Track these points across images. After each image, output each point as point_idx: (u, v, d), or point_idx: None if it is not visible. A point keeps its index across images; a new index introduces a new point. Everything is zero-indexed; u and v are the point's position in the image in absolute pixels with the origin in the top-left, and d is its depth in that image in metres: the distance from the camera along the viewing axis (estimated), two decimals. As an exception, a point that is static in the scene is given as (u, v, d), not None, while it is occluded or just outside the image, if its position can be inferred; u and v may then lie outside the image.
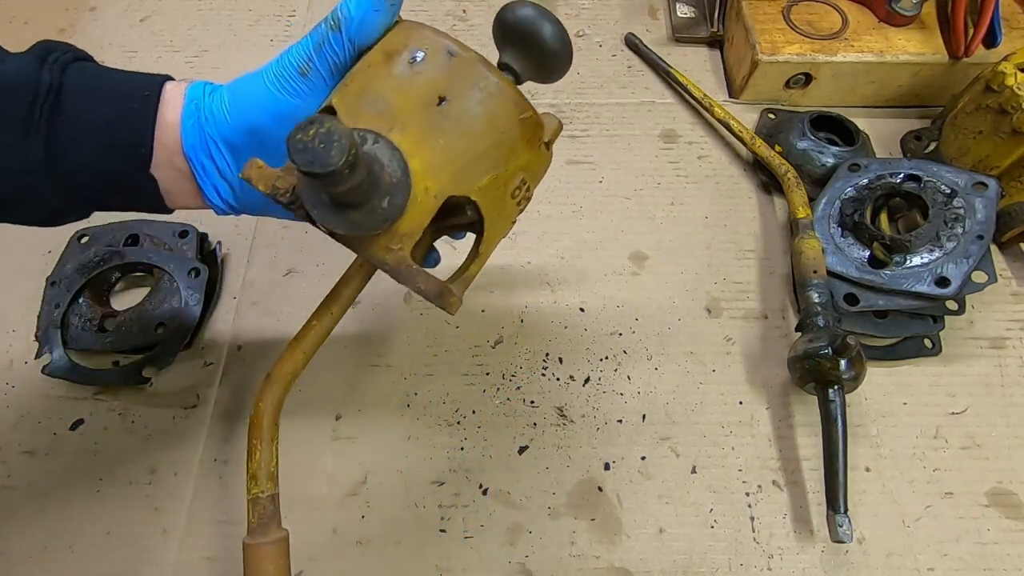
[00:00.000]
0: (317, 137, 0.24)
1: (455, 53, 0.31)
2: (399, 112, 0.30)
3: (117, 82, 0.33)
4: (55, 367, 0.50)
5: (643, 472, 0.48)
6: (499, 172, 0.32)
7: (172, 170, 0.34)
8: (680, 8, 0.74)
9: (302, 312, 0.54)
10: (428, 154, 0.30)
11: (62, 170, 0.32)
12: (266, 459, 0.34)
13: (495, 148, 0.32)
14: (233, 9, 0.76)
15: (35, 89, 0.31)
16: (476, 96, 0.31)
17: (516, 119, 0.32)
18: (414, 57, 0.31)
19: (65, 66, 0.32)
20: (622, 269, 0.57)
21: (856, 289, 0.51)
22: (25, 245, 0.59)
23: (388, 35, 0.33)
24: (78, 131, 0.32)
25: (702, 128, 0.66)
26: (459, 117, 0.31)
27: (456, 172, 0.31)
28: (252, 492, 0.34)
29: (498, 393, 0.51)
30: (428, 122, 0.30)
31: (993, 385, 0.51)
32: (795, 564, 0.44)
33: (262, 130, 0.33)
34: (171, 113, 0.33)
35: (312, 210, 0.29)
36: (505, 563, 0.45)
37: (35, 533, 0.46)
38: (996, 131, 0.54)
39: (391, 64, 0.31)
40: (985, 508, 0.46)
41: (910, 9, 0.62)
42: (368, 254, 0.30)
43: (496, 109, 0.31)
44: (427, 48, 0.31)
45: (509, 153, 0.33)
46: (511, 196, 0.34)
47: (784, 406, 0.50)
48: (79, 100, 0.32)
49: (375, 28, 0.32)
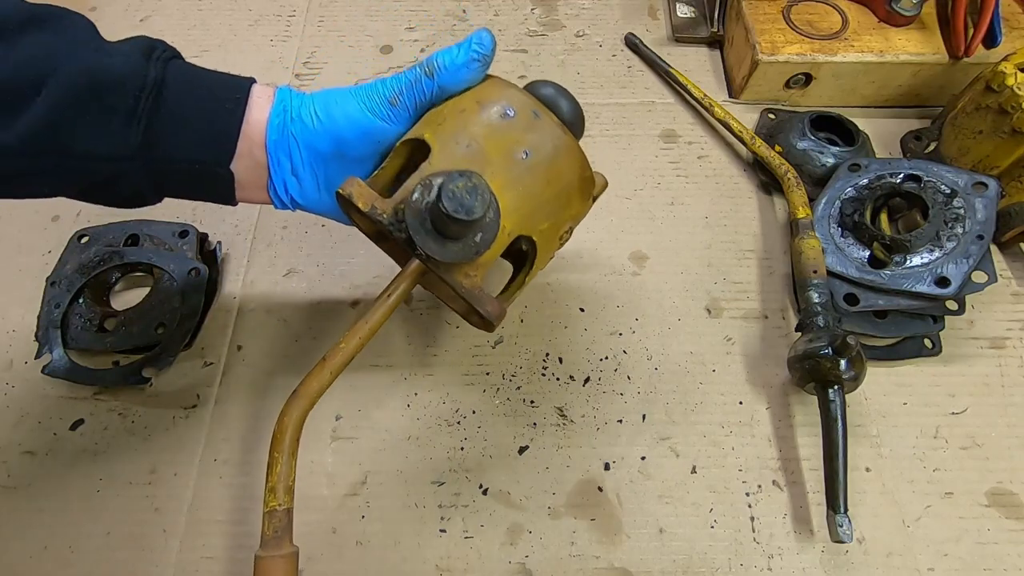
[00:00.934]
0: (467, 190, 0.30)
1: (539, 115, 0.36)
2: (490, 157, 0.35)
3: (212, 81, 0.37)
4: (55, 367, 0.50)
5: (643, 472, 0.48)
6: (557, 219, 0.38)
7: (250, 161, 0.38)
8: (680, 8, 0.74)
9: (302, 312, 0.55)
10: (508, 198, 0.35)
11: (155, 158, 0.35)
12: (286, 473, 0.35)
13: (557, 199, 0.38)
14: (233, 9, 0.76)
15: (142, 83, 0.34)
16: (552, 154, 0.36)
17: (579, 176, 0.38)
18: (506, 112, 0.36)
19: (167, 62, 0.35)
20: (622, 269, 0.57)
21: (856, 289, 0.51)
22: (25, 245, 0.59)
23: (481, 87, 0.37)
24: (175, 124, 0.35)
25: (702, 128, 0.66)
26: (536, 170, 0.36)
27: (527, 215, 0.36)
28: (269, 505, 0.35)
29: (498, 393, 0.51)
30: (511, 170, 0.35)
31: (993, 385, 0.51)
32: (795, 564, 0.44)
33: (346, 141, 0.37)
34: (259, 111, 0.37)
35: (415, 236, 0.33)
36: (505, 563, 0.45)
37: (35, 533, 0.46)
38: (996, 131, 0.54)
39: (484, 113, 0.36)
40: (985, 508, 0.46)
41: (910, 9, 0.62)
42: (450, 277, 0.35)
43: (565, 167, 0.37)
44: (517, 107, 0.36)
45: (567, 203, 0.39)
46: (559, 238, 0.40)
47: (784, 406, 0.50)
48: (179, 96, 0.35)
49: (463, 81, 0.37)
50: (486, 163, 0.35)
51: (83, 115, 0.33)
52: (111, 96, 0.33)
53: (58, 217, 0.60)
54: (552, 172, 0.37)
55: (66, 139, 0.33)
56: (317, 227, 0.59)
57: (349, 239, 0.58)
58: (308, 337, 0.54)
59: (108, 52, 0.34)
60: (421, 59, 0.38)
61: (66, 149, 0.33)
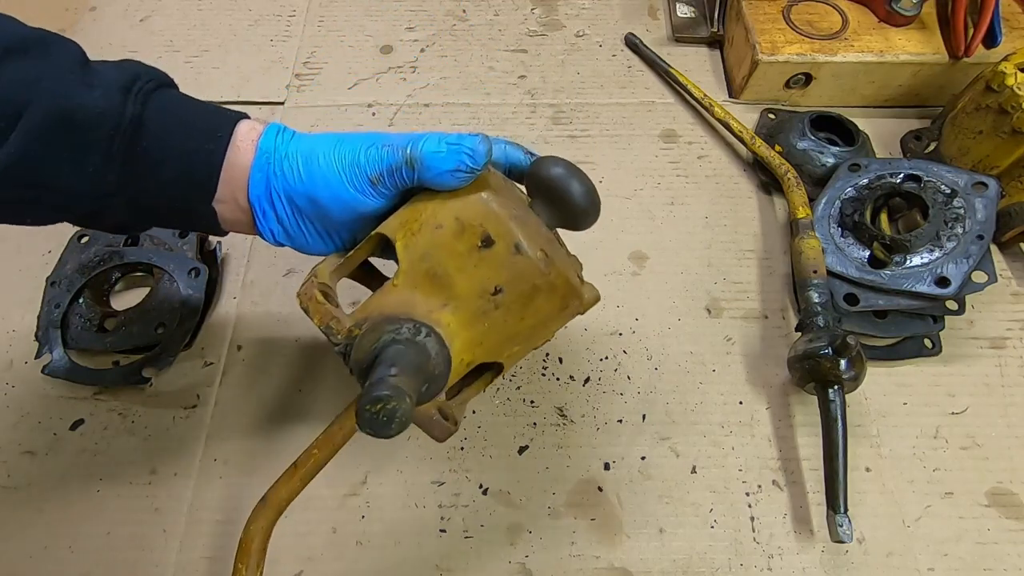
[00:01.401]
0: (383, 413, 0.27)
1: (522, 250, 0.32)
2: (457, 292, 0.33)
3: (195, 117, 0.35)
4: (55, 367, 0.50)
5: (643, 472, 0.48)
6: (529, 343, 0.37)
7: (234, 205, 0.36)
8: (680, 8, 0.74)
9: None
10: (471, 334, 0.33)
11: (134, 195, 0.34)
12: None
13: (532, 331, 0.35)
14: (233, 9, 0.76)
15: (118, 121, 0.32)
16: (529, 294, 0.33)
17: (559, 308, 0.35)
18: (486, 240, 0.33)
19: (147, 96, 0.34)
20: (622, 269, 0.57)
21: (856, 289, 0.51)
22: (25, 245, 0.59)
23: (467, 199, 0.34)
24: (152, 163, 0.34)
25: (702, 128, 0.66)
26: (509, 307, 0.33)
27: (491, 347, 0.34)
28: None
29: (498, 393, 0.51)
30: (479, 308, 0.33)
31: (993, 385, 0.51)
32: (795, 564, 0.44)
33: (325, 207, 0.36)
34: (243, 155, 0.36)
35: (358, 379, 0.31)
36: (505, 563, 0.45)
37: (35, 533, 0.46)
38: (996, 131, 0.54)
39: (461, 239, 0.33)
40: (985, 508, 0.46)
41: (910, 9, 0.62)
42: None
43: (543, 306, 0.34)
44: (499, 236, 0.32)
45: (544, 331, 0.36)
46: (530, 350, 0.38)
47: (784, 406, 0.50)
48: (156, 135, 0.34)
49: (445, 186, 0.34)
50: (452, 295, 0.33)
51: (57, 151, 0.32)
52: (85, 133, 0.32)
53: (58, 217, 0.60)
54: (528, 309, 0.34)
55: (42, 174, 0.32)
56: (317, 227, 0.59)
57: (349, 239, 0.58)
58: (308, 337, 0.54)
59: (89, 84, 0.33)
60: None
61: (43, 184, 0.32)
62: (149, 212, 0.36)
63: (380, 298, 0.34)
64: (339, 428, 0.36)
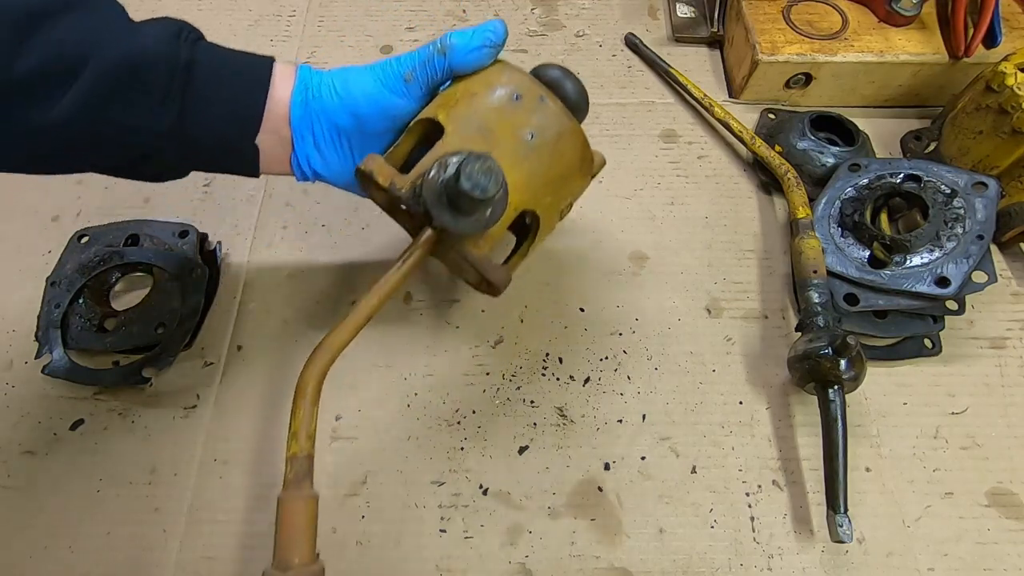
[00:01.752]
0: (482, 171, 0.33)
1: (545, 100, 0.39)
2: (499, 138, 0.38)
3: (237, 60, 0.39)
4: (55, 367, 0.50)
5: (643, 472, 0.48)
6: (559, 194, 0.42)
7: (275, 137, 0.40)
8: (680, 8, 0.74)
9: (302, 312, 0.55)
10: (515, 175, 0.38)
11: (186, 135, 0.38)
12: (307, 420, 0.37)
13: (560, 177, 0.41)
14: (233, 9, 0.76)
15: (173, 65, 0.36)
16: (555, 137, 0.39)
17: (579, 157, 0.41)
18: (514, 96, 0.39)
19: (194, 43, 0.37)
20: (622, 269, 0.57)
21: (856, 289, 0.51)
22: (25, 245, 0.59)
23: (491, 70, 0.40)
24: (205, 103, 0.37)
25: (702, 128, 0.66)
26: (540, 150, 0.39)
27: (532, 192, 0.39)
28: (291, 450, 0.36)
29: (498, 393, 0.51)
30: (518, 151, 0.38)
31: (993, 385, 0.51)
32: (795, 564, 0.45)
33: (364, 116, 0.40)
34: (282, 90, 0.39)
35: (432, 209, 0.36)
36: (505, 563, 0.45)
37: (35, 533, 0.46)
38: (996, 131, 0.54)
39: (493, 96, 0.39)
40: (985, 508, 0.46)
41: (910, 9, 0.62)
42: (461, 247, 0.38)
43: (567, 149, 0.40)
44: (524, 91, 0.39)
45: (569, 181, 0.42)
46: (560, 211, 0.44)
47: (784, 406, 0.50)
48: (207, 76, 0.37)
49: (473, 64, 0.39)
50: (495, 143, 0.38)
51: (122, 95, 0.35)
52: (147, 76, 0.35)
53: (58, 217, 0.60)
54: (555, 153, 0.40)
55: (106, 118, 0.35)
56: (317, 227, 0.59)
57: (349, 239, 0.58)
58: (308, 337, 0.54)
59: (141, 33, 0.35)
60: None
61: (106, 127, 0.35)
62: (197, 152, 0.39)
63: (434, 152, 0.38)
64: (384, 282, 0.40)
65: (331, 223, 0.60)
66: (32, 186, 0.62)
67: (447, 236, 0.38)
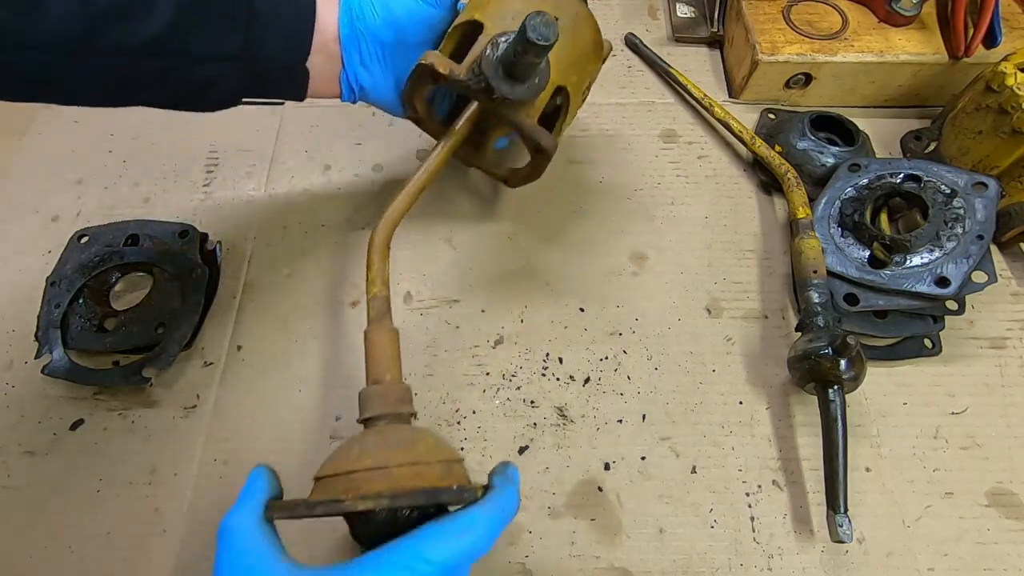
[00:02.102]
0: (543, 23, 0.37)
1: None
2: None
3: None
4: (55, 367, 0.50)
5: (643, 472, 0.48)
6: (581, 74, 0.49)
7: (325, 56, 0.44)
8: (680, 8, 0.74)
9: (302, 312, 0.55)
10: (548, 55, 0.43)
11: (250, 59, 0.41)
12: (381, 269, 0.42)
13: (583, 57, 0.48)
14: (233, 9, 0.76)
15: None
16: (573, 21, 0.46)
17: (593, 40, 0.49)
18: None
19: None
20: (622, 269, 0.57)
21: (856, 289, 0.51)
22: (25, 245, 0.59)
23: None
24: (265, 27, 0.41)
25: (702, 128, 0.66)
26: (564, 33, 0.43)
27: (563, 70, 0.45)
28: (371, 292, 0.41)
29: (498, 393, 0.51)
30: None
31: (993, 385, 0.51)
32: (795, 564, 0.44)
33: (404, 28, 0.45)
34: (328, 12, 0.43)
35: (492, 81, 0.42)
36: (505, 563, 0.45)
37: (35, 533, 0.46)
38: (996, 131, 0.54)
39: None
40: (985, 508, 0.46)
41: (910, 9, 0.62)
42: (516, 116, 0.44)
43: (584, 32, 0.47)
44: None
45: (588, 62, 0.49)
46: (582, 93, 0.50)
47: (784, 406, 0.50)
48: (264, 2, 0.40)
49: None
50: None
51: (199, 20, 0.38)
52: (214, 4, 0.38)
53: (58, 217, 0.60)
54: (575, 35, 0.46)
55: (184, 43, 0.38)
56: (317, 227, 0.59)
57: (349, 239, 0.58)
58: (308, 337, 0.54)
59: None
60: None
61: (183, 52, 0.38)
62: (255, 77, 0.42)
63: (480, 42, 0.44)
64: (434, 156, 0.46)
65: (331, 223, 0.60)
66: (32, 186, 0.62)
67: (505, 105, 0.44)
